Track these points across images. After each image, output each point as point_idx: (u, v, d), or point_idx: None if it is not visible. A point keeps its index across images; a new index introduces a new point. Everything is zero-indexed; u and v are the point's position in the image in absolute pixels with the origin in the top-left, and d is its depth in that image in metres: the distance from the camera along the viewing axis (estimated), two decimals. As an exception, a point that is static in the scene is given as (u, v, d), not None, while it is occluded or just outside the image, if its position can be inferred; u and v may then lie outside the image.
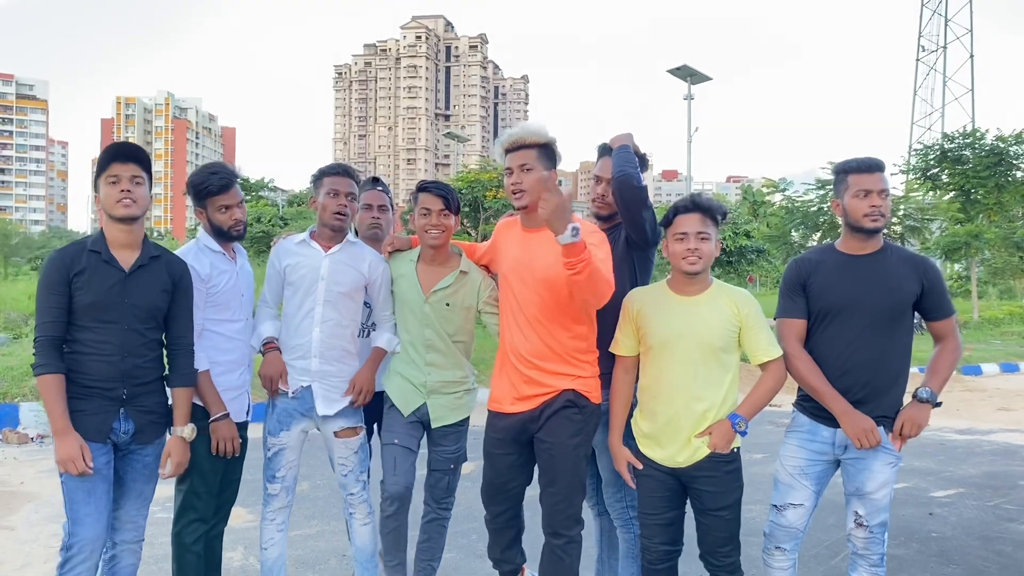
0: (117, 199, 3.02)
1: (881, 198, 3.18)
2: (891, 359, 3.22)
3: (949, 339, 3.31)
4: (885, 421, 3.19)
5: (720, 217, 3.20)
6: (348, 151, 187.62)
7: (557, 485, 3.24)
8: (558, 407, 3.22)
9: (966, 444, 8.48)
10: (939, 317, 3.28)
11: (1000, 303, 31.80)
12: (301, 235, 3.71)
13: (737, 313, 3.16)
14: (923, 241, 24.55)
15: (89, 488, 2.98)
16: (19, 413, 8.47)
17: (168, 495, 5.08)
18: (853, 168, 3.25)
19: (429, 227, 3.54)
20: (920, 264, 3.26)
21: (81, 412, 2.98)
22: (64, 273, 2.96)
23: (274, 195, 56.14)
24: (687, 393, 3.13)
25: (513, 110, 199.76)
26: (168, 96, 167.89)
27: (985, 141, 25.62)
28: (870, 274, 3.22)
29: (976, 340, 19.53)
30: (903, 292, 3.20)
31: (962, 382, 13.32)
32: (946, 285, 3.34)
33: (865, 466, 3.20)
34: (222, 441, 3.38)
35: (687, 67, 21.39)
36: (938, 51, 67.41)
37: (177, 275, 3.22)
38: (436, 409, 3.62)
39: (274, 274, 3.66)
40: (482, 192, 29.86)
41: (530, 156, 3.21)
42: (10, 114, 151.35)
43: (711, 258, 3.17)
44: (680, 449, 3.15)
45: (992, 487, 6.61)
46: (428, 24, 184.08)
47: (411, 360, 3.64)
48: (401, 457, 3.56)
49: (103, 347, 2.99)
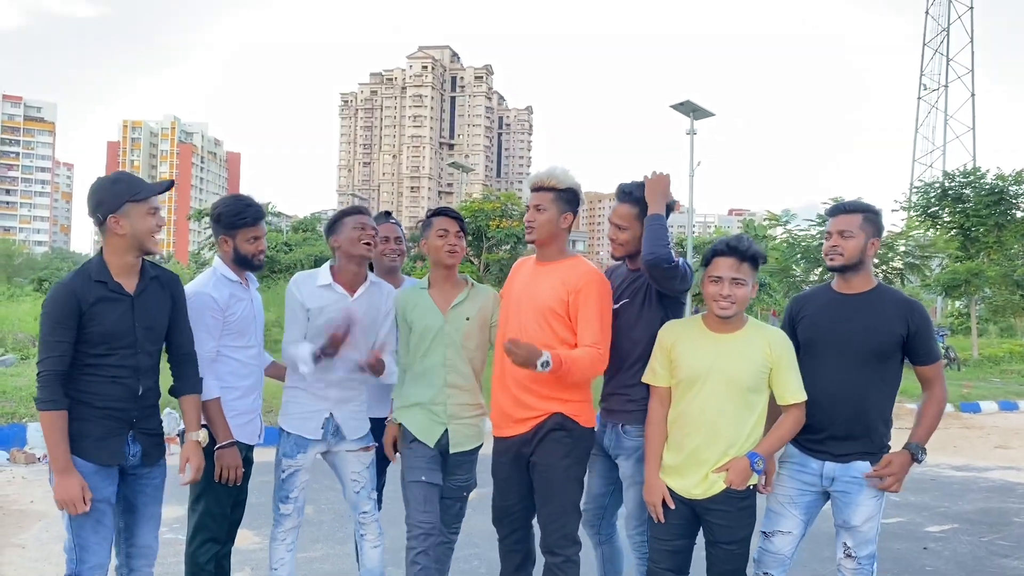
0: (154, 232, 3.08)
1: (841, 238, 3.34)
2: (874, 399, 3.32)
3: (936, 387, 3.37)
4: (869, 457, 3.31)
5: (760, 261, 3.24)
6: (353, 178, 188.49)
7: (550, 505, 3.44)
8: (548, 429, 3.43)
9: (962, 480, 8.55)
10: (924, 362, 3.35)
11: (1000, 341, 31.80)
12: (320, 275, 3.71)
13: (770, 354, 3.23)
14: (923, 278, 24.67)
15: (98, 518, 3.01)
16: (27, 433, 8.55)
17: (176, 516, 5.18)
18: (828, 212, 3.55)
19: (447, 246, 3.65)
20: (907, 307, 3.31)
21: (91, 437, 2.99)
22: (75, 307, 2.93)
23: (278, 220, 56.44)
24: (711, 429, 3.23)
25: (517, 140, 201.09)
26: (174, 120, 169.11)
27: (985, 180, 25.82)
28: (855, 313, 3.33)
29: (976, 378, 19.56)
30: (887, 333, 3.28)
31: (960, 419, 13.38)
32: (934, 331, 3.40)
33: (851, 500, 3.31)
34: (226, 469, 3.45)
35: (690, 103, 21.59)
36: (939, 90, 68.06)
37: (174, 291, 3.27)
38: (456, 435, 3.64)
39: (300, 312, 3.65)
40: (485, 221, 30.07)
41: (546, 199, 3.51)
42: (17, 136, 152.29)
43: (745, 302, 3.21)
44: (698, 482, 3.25)
45: (987, 523, 6.67)
46: (434, 54, 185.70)
47: (430, 384, 3.63)
48: (430, 493, 3.58)
49: (119, 371, 3.03)
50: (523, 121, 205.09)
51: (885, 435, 3.36)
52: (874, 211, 3.42)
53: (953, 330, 32.26)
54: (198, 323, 3.42)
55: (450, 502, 3.72)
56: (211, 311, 3.48)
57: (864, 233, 3.33)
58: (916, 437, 3.33)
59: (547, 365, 3.20)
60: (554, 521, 3.43)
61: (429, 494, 3.58)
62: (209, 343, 3.48)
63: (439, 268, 3.71)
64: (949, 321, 36.52)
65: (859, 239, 3.32)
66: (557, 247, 3.56)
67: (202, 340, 3.43)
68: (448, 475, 3.68)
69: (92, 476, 3.00)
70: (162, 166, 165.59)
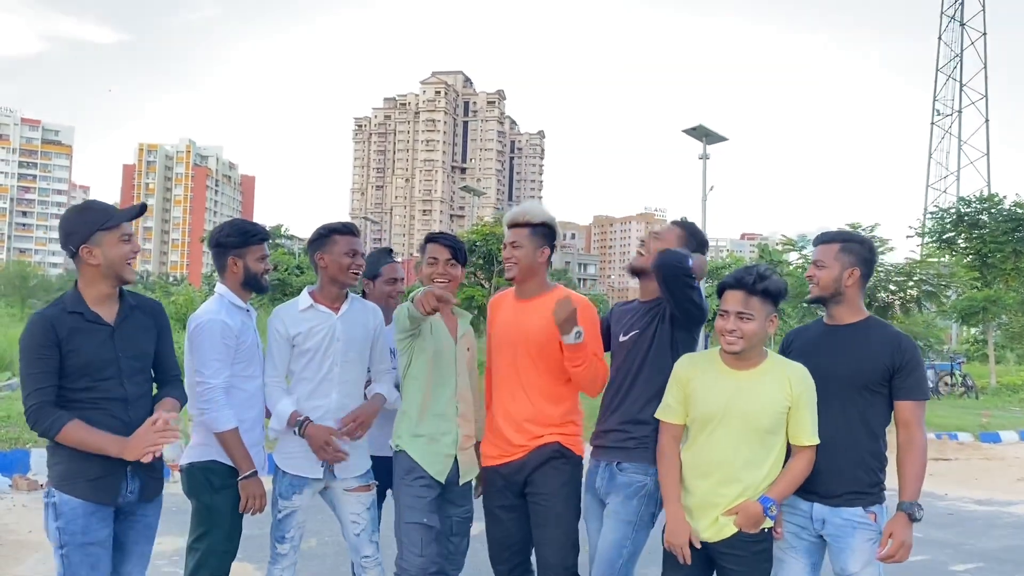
0: (128, 259, 2.99)
1: (816, 268, 3.26)
2: (859, 435, 3.14)
3: (913, 430, 3.10)
4: (859, 499, 3.11)
5: (776, 296, 3.08)
6: (365, 201, 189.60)
7: (549, 536, 3.37)
8: (546, 457, 3.40)
9: (985, 515, 8.31)
10: (901, 396, 3.12)
11: (1018, 368, 31.40)
12: (300, 300, 3.63)
13: (790, 392, 3.07)
14: (939, 305, 24.41)
15: (93, 562, 2.90)
16: (30, 459, 8.45)
17: (175, 548, 5.04)
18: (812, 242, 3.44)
19: (436, 275, 3.59)
20: (895, 340, 3.14)
21: (86, 476, 2.88)
22: (52, 336, 2.84)
23: (291, 243, 56.59)
24: (726, 472, 3.09)
25: (529, 164, 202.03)
26: (189, 143, 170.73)
27: (1003, 206, 25.65)
28: (840, 346, 3.20)
29: (994, 406, 19.24)
30: (871, 366, 3.12)
31: (980, 450, 13.10)
32: (923, 369, 3.19)
33: (845, 544, 3.12)
34: (252, 499, 3.37)
35: (703, 127, 21.58)
36: (953, 115, 67.94)
37: (159, 319, 3.20)
38: (464, 464, 3.60)
39: (282, 343, 3.55)
40: (496, 245, 30.06)
41: (521, 235, 3.52)
42: (35, 158, 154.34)
43: (755, 337, 3.06)
44: (708, 524, 3.10)
45: (1014, 561, 6.45)
46: (447, 79, 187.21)
47: (442, 414, 3.54)
48: (428, 537, 3.43)
49: (109, 404, 2.93)
50: (535, 145, 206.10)
51: (875, 474, 3.15)
52: (856, 240, 3.29)
53: (969, 357, 31.85)
54: (212, 351, 3.34)
55: (458, 539, 3.66)
56: (226, 338, 3.39)
57: (839, 263, 3.21)
58: (906, 495, 3.07)
59: (580, 336, 3.26)
60: (555, 554, 3.35)
61: (427, 537, 3.43)
62: (224, 371, 3.38)
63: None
64: (965, 348, 36.13)
65: (833, 269, 3.21)
66: (537, 282, 3.56)
67: (217, 369, 3.35)
68: (454, 507, 3.62)
69: (87, 517, 2.90)
70: (177, 189, 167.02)
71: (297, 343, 3.54)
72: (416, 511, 3.43)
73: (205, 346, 3.35)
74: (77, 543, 2.88)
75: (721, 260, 45.35)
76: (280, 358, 3.57)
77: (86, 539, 2.88)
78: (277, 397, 3.55)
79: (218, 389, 3.34)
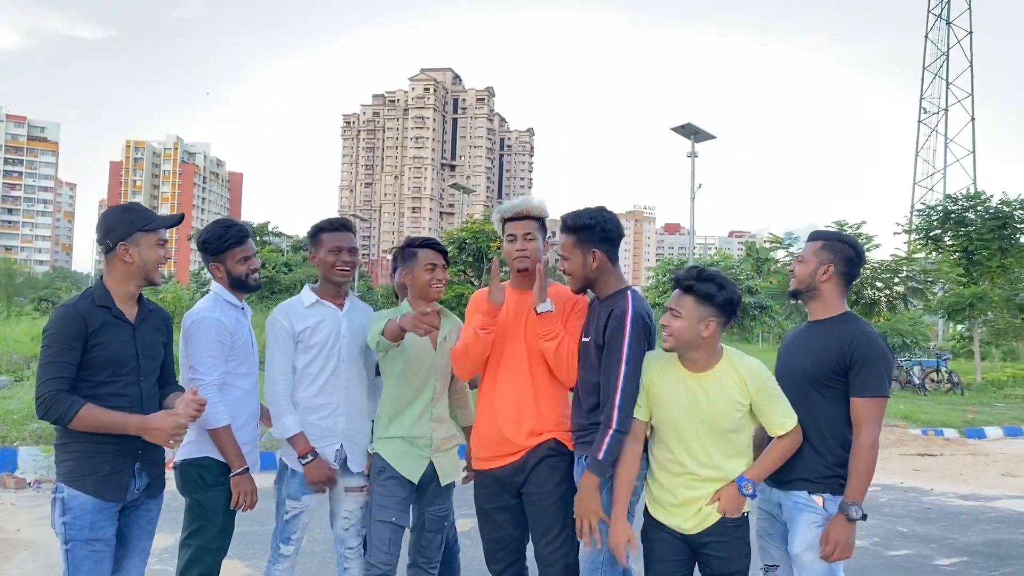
0: (160, 263, 3.11)
1: (796, 262, 3.37)
2: (810, 425, 3.16)
3: (862, 429, 3.08)
4: (808, 485, 3.15)
5: (707, 297, 3.06)
6: (354, 199, 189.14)
7: (549, 535, 3.33)
8: (542, 455, 3.36)
9: (969, 510, 8.38)
10: (852, 392, 3.11)
11: (1003, 365, 31.61)
12: (305, 296, 3.69)
13: (746, 390, 3.09)
14: (926, 302, 24.54)
15: (98, 559, 2.94)
16: (17, 457, 8.42)
17: (165, 546, 5.04)
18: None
19: (435, 281, 3.60)
20: (848, 337, 3.14)
21: (97, 474, 2.92)
22: (82, 329, 2.91)
23: (278, 240, 56.46)
24: (691, 474, 3.13)
25: (518, 162, 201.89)
26: (177, 140, 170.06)
27: (990, 204, 25.80)
28: (807, 341, 3.30)
29: (979, 402, 19.36)
30: (821, 361, 3.17)
31: (966, 445, 13.20)
32: (879, 366, 3.12)
33: (792, 527, 3.18)
34: (243, 495, 3.40)
35: (691, 125, 21.59)
36: (939, 113, 68.29)
37: (168, 325, 3.31)
38: (444, 467, 3.61)
39: (287, 338, 3.58)
40: (486, 243, 30.09)
41: (532, 227, 3.50)
42: (20, 155, 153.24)
43: (682, 336, 3.07)
44: (690, 517, 3.14)
45: (997, 556, 6.51)
46: (436, 76, 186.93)
47: (417, 417, 3.57)
48: (396, 536, 3.51)
49: (121, 401, 2.97)
50: (524, 143, 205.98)
51: (826, 464, 3.14)
52: (838, 239, 3.34)
53: (955, 354, 32.05)
54: (207, 348, 3.38)
55: (431, 535, 3.65)
56: (220, 335, 3.43)
57: (816, 259, 3.28)
58: (849, 495, 3.06)
59: (547, 307, 3.32)
60: (555, 552, 3.32)
61: (395, 535, 3.51)
62: (218, 369, 3.42)
63: (422, 302, 3.59)
64: (951, 344, 36.34)
65: (809, 265, 3.29)
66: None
67: (211, 366, 3.39)
68: (428, 506, 3.63)
69: (94, 514, 2.93)
70: (164, 186, 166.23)
71: (303, 339, 3.58)
72: (387, 510, 3.49)
73: (199, 343, 3.38)
74: (83, 539, 2.91)
75: (709, 258, 45.47)
76: (287, 356, 3.58)
77: (92, 535, 2.91)
78: (284, 408, 3.56)
79: (212, 386, 3.36)
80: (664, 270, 39.69)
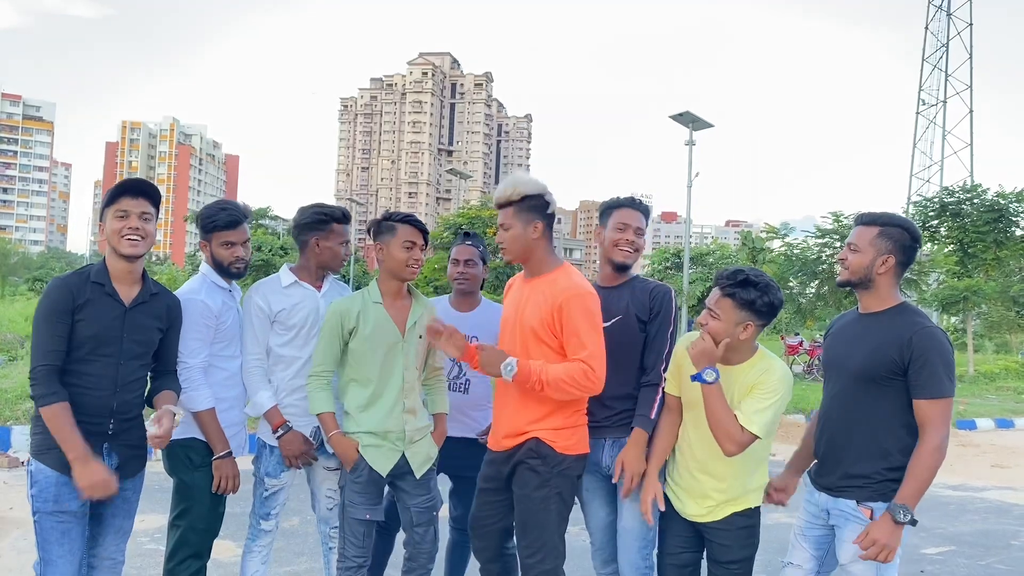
0: (124, 235, 3.01)
1: (850, 251, 3.07)
2: (864, 427, 2.99)
3: (928, 431, 2.86)
4: (857, 493, 2.98)
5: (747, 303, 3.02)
6: (351, 183, 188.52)
7: (527, 539, 3.23)
8: (522, 457, 3.24)
9: (959, 500, 8.44)
10: (917, 395, 2.88)
11: (996, 357, 31.76)
12: (283, 276, 3.65)
13: (753, 388, 3.08)
14: (920, 293, 24.59)
15: (64, 529, 2.94)
16: (11, 436, 8.44)
17: (158, 526, 5.06)
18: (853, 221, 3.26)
19: (411, 260, 3.44)
20: (907, 333, 2.91)
21: (60, 449, 2.89)
22: (69, 303, 2.93)
23: (275, 224, 56.28)
24: (700, 465, 3.20)
25: (516, 148, 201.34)
26: (173, 122, 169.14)
27: (986, 197, 25.81)
28: (860, 333, 3.06)
29: (971, 394, 19.45)
30: (876, 357, 2.95)
31: (956, 436, 13.25)
32: (939, 363, 2.88)
33: (840, 535, 3.03)
34: (224, 479, 3.40)
35: (689, 113, 21.54)
36: (938, 105, 68.09)
37: (173, 313, 3.26)
38: (416, 458, 3.49)
39: (263, 318, 3.54)
40: (482, 229, 30.10)
41: (507, 215, 3.28)
42: (15, 134, 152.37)
43: (718, 337, 3.03)
44: (694, 505, 3.23)
45: (984, 545, 6.57)
46: (435, 61, 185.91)
47: (387, 410, 3.44)
48: (369, 529, 3.47)
49: (97, 381, 2.98)
50: (522, 129, 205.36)
51: (882, 470, 2.95)
52: (898, 225, 3.03)
53: (949, 345, 32.11)
54: (191, 330, 3.35)
55: (422, 529, 3.50)
56: (205, 318, 3.40)
57: (875, 249, 3.00)
58: (901, 496, 2.85)
59: (511, 370, 3.10)
60: (531, 556, 3.20)
61: (368, 530, 3.48)
62: (203, 351, 3.40)
63: (393, 280, 3.49)
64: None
65: (867, 255, 3.01)
66: (536, 259, 3.30)
67: (196, 348, 3.37)
68: (412, 499, 3.50)
69: (59, 487, 2.93)
70: (160, 167, 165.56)
71: (280, 319, 3.55)
72: (359, 508, 3.43)
73: (184, 326, 3.34)
74: (48, 510, 2.93)
75: (706, 247, 45.45)
76: (262, 335, 3.56)
77: (57, 507, 2.93)
78: (257, 384, 3.54)
79: (196, 369, 3.35)
80: (660, 258, 39.55)
